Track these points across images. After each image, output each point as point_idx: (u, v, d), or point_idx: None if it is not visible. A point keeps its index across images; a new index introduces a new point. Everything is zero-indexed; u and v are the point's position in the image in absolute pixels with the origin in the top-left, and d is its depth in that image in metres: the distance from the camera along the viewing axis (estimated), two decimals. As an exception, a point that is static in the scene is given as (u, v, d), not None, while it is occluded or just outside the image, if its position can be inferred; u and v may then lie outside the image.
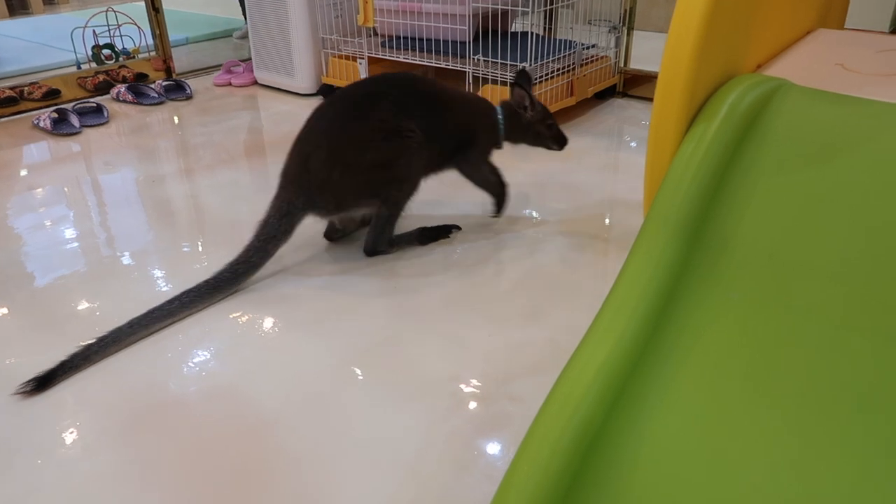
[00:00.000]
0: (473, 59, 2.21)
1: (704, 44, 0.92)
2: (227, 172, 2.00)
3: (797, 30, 1.43)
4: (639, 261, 0.84)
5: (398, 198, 1.43)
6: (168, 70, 2.94)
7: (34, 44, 3.69)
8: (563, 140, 1.60)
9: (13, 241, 1.62)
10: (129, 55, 2.94)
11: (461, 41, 2.29)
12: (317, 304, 1.34)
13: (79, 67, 2.84)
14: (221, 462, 0.97)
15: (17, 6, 4.87)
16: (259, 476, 0.95)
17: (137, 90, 2.69)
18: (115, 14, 2.88)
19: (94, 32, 2.85)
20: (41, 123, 2.37)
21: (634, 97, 2.58)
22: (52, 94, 2.61)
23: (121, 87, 2.70)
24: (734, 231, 0.87)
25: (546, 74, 2.17)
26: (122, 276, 1.46)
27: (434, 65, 2.32)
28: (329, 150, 1.37)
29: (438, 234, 1.56)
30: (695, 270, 0.84)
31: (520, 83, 1.53)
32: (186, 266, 1.49)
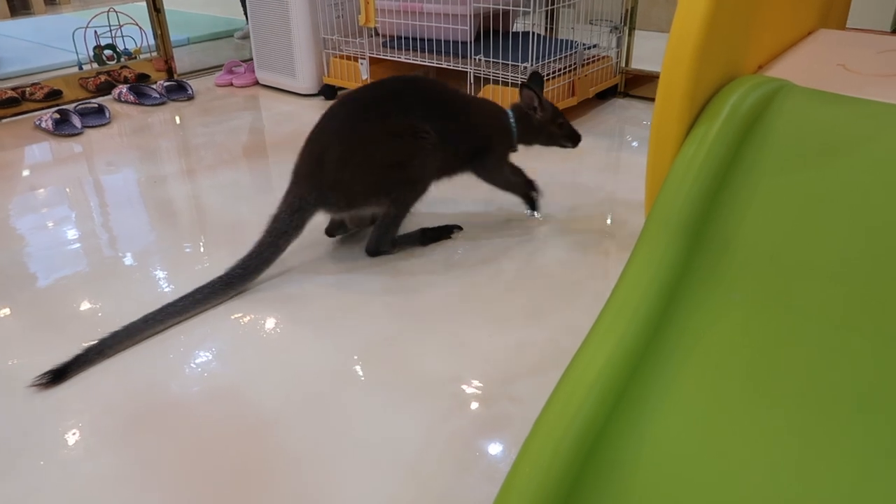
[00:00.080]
0: (475, 60, 2.21)
1: (706, 45, 0.92)
2: (229, 173, 2.00)
3: (798, 30, 1.43)
4: (640, 262, 0.84)
5: (408, 198, 1.44)
6: (169, 70, 2.95)
7: (36, 44, 3.70)
8: (577, 137, 1.60)
9: (15, 242, 1.62)
10: (131, 55, 2.95)
11: (462, 41, 2.29)
12: (318, 305, 1.34)
13: (80, 68, 2.84)
14: (222, 462, 0.98)
15: (19, 6, 4.88)
16: (259, 476, 0.95)
17: (139, 91, 2.70)
18: (117, 14, 2.88)
19: (96, 33, 2.85)
20: (43, 124, 2.38)
21: (636, 97, 2.58)
22: (54, 95, 2.62)
23: (122, 88, 2.70)
24: (735, 232, 0.87)
25: (547, 75, 2.17)
26: (124, 277, 1.46)
27: (435, 65, 2.32)
28: (343, 148, 1.38)
29: (440, 235, 1.56)
30: (696, 271, 0.84)
31: (529, 84, 1.53)
32: (188, 266, 1.49)
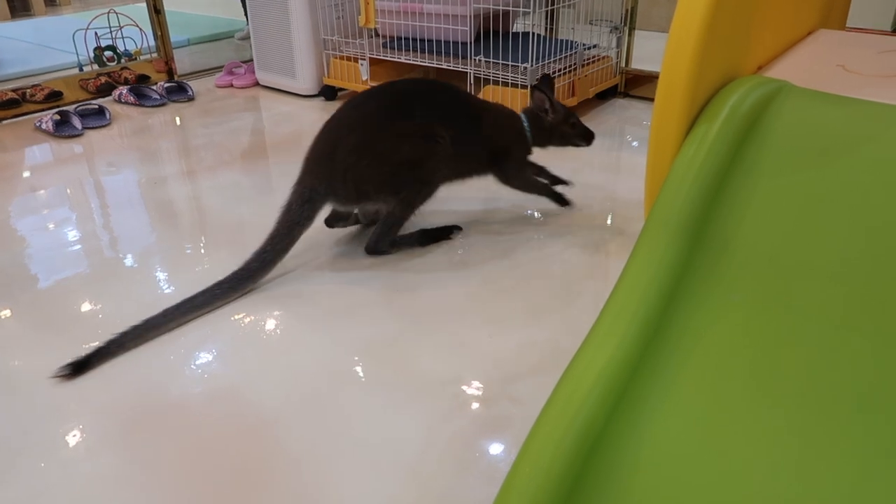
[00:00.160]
0: (475, 60, 2.21)
1: (705, 46, 0.92)
2: (229, 174, 2.00)
3: (798, 31, 1.43)
4: (640, 262, 0.84)
5: (414, 199, 1.45)
6: (170, 71, 2.95)
7: (36, 46, 3.70)
8: (590, 135, 1.61)
9: (16, 243, 1.63)
10: (131, 57, 2.95)
11: (462, 42, 2.29)
12: (318, 306, 1.35)
13: (81, 69, 2.85)
14: (222, 463, 0.98)
15: (19, 8, 4.89)
16: (259, 476, 0.95)
17: (139, 92, 2.70)
18: (117, 16, 2.89)
19: (96, 34, 2.85)
20: (43, 125, 2.38)
21: (636, 97, 2.58)
22: (54, 96, 2.62)
23: (123, 89, 2.70)
24: (735, 232, 0.87)
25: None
26: (125, 278, 1.47)
27: (435, 65, 2.33)
28: (360, 141, 1.40)
29: (439, 236, 1.56)
30: (696, 272, 0.84)
31: (540, 87, 1.55)
32: (189, 268, 1.49)
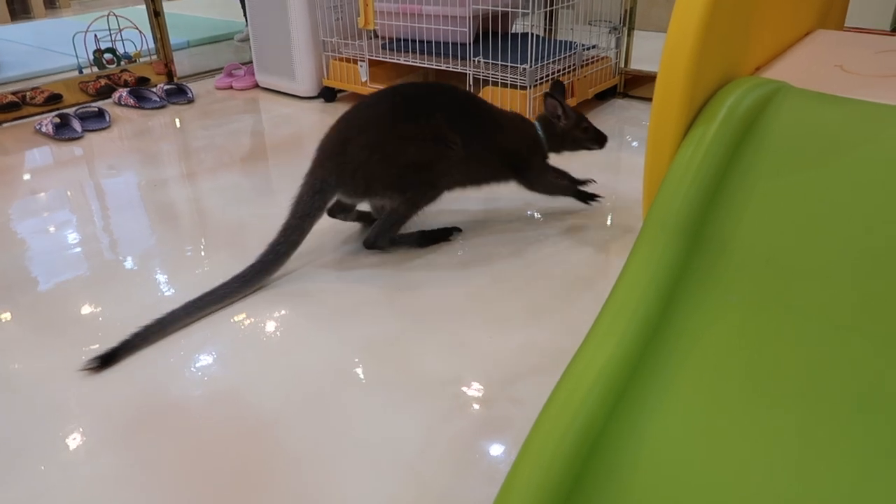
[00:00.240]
0: (474, 61, 2.21)
1: (703, 47, 0.93)
2: (229, 176, 2.01)
3: (796, 31, 1.43)
4: (638, 263, 0.85)
5: (420, 200, 1.47)
6: (169, 74, 2.95)
7: (36, 48, 3.70)
8: (603, 138, 1.63)
9: (16, 246, 1.63)
10: (131, 59, 2.95)
11: (461, 43, 2.29)
12: (318, 306, 1.35)
13: (80, 72, 2.85)
14: (222, 463, 0.98)
15: (19, 10, 4.89)
16: (260, 477, 0.95)
17: (139, 94, 2.70)
18: (117, 18, 2.89)
19: (96, 37, 2.86)
20: (43, 128, 2.38)
21: (635, 97, 2.58)
22: (54, 99, 2.62)
23: (122, 92, 2.71)
24: (733, 233, 0.87)
25: (547, 76, 2.18)
26: (126, 281, 1.47)
27: (435, 67, 2.33)
28: (372, 139, 1.42)
29: (438, 238, 1.57)
30: (694, 272, 0.85)
31: (552, 93, 1.56)
32: (189, 270, 1.50)
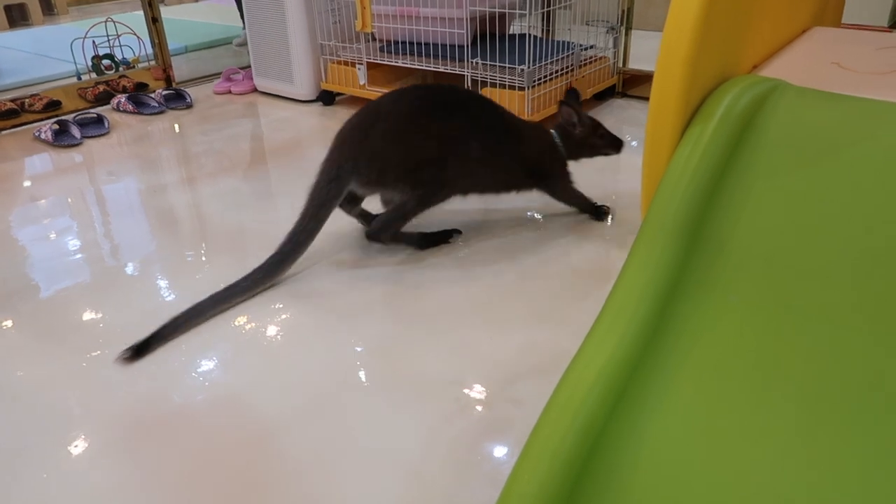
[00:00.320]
0: (472, 63, 2.22)
1: (699, 46, 0.93)
2: (229, 180, 2.01)
3: (793, 29, 1.43)
4: (637, 264, 0.85)
5: (429, 199, 1.48)
6: (168, 79, 2.96)
7: (34, 55, 3.71)
8: (619, 143, 1.63)
9: (17, 253, 1.63)
10: (129, 65, 2.96)
11: (459, 45, 2.30)
12: (318, 309, 1.35)
13: (79, 78, 2.85)
14: (225, 469, 0.98)
15: (17, 17, 4.90)
16: (262, 482, 0.95)
17: (138, 100, 2.71)
18: (115, 24, 2.90)
19: (94, 43, 2.86)
20: (42, 135, 2.38)
21: (634, 97, 2.58)
22: (53, 106, 2.63)
23: (121, 97, 2.71)
24: (731, 233, 0.87)
25: (545, 76, 2.18)
26: (126, 287, 1.47)
27: (433, 69, 2.33)
28: (394, 129, 1.44)
29: (438, 240, 1.57)
30: (693, 273, 0.85)
31: (567, 101, 1.57)
32: (190, 275, 1.50)
